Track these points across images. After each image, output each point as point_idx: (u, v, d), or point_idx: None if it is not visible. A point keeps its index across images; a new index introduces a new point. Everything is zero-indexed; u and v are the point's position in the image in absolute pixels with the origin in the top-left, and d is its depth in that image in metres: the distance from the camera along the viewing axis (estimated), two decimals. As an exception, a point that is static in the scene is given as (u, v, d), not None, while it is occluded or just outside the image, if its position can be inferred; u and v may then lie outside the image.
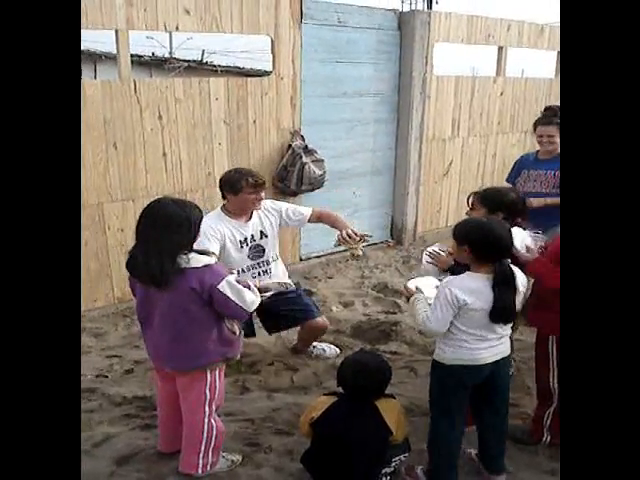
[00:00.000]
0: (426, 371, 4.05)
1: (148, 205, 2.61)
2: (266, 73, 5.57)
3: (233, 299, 2.58)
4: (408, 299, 2.88)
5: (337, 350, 4.38)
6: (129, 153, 4.77)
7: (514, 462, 3.07)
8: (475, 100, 7.28)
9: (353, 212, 6.62)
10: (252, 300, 2.67)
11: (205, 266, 2.56)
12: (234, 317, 2.70)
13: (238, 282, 2.65)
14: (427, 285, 2.91)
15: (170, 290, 2.53)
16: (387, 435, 2.69)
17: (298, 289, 4.15)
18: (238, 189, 3.69)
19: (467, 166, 7.54)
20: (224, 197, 3.83)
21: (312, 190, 5.78)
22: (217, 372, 2.77)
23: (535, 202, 4.11)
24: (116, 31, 4.44)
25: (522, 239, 2.99)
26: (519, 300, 2.65)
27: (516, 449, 3.17)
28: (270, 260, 3.95)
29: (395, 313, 5.14)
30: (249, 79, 5.47)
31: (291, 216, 4.03)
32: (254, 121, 5.43)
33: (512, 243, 2.61)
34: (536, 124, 4.44)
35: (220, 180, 3.83)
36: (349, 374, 2.75)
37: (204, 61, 8.50)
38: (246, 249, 3.82)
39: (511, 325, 2.74)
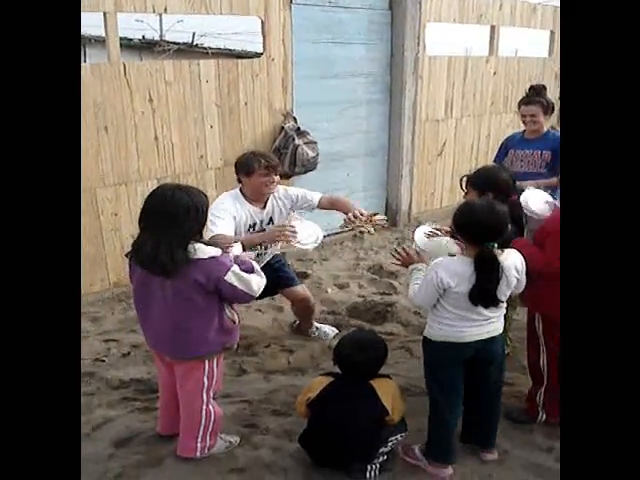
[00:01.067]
0: (421, 351, 4.10)
1: (152, 193, 2.58)
2: (257, 55, 5.52)
3: (241, 288, 2.59)
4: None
5: (335, 330, 4.39)
6: (120, 137, 4.73)
7: (510, 440, 3.09)
8: (468, 80, 7.26)
9: (348, 194, 6.57)
10: (258, 284, 2.67)
11: (211, 258, 2.53)
12: (241, 302, 2.74)
13: (241, 265, 2.64)
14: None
15: (175, 280, 2.51)
16: (383, 415, 2.69)
17: (281, 259, 4.18)
18: (251, 171, 3.67)
19: (461, 147, 7.52)
20: (239, 180, 3.82)
21: (305, 172, 5.76)
22: (215, 360, 2.77)
23: (528, 185, 4.12)
24: (104, 14, 4.39)
25: (541, 199, 3.06)
26: (510, 284, 2.64)
27: (512, 427, 3.19)
28: (269, 245, 3.93)
29: (390, 294, 5.14)
30: (240, 61, 5.43)
31: (300, 202, 3.98)
32: (245, 103, 5.40)
33: (502, 225, 2.57)
34: (519, 104, 4.44)
35: (235, 163, 3.82)
36: (346, 351, 2.75)
37: (195, 44, 8.42)
38: (252, 233, 3.80)
39: (505, 306, 2.74)
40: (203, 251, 2.52)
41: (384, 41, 6.35)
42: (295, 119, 5.69)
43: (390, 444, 2.81)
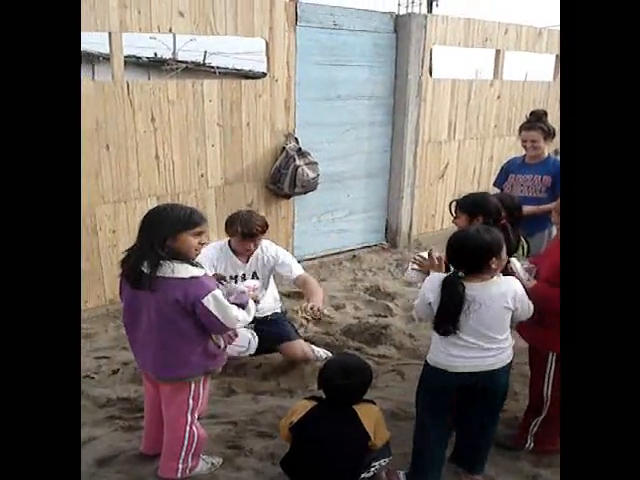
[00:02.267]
0: (414, 374, 4.08)
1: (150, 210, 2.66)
2: (264, 75, 5.57)
3: (215, 314, 2.56)
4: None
5: (329, 354, 4.37)
6: (121, 155, 4.79)
7: (495, 466, 3.09)
8: (472, 103, 7.29)
9: (347, 214, 6.64)
10: (237, 318, 2.64)
11: (192, 277, 2.54)
12: (212, 330, 2.69)
13: (233, 297, 2.66)
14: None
15: (156, 296, 2.53)
16: (366, 440, 2.69)
17: (280, 315, 4.22)
18: (231, 234, 3.79)
19: (463, 169, 7.54)
20: (227, 234, 3.89)
21: (305, 193, 5.80)
22: (201, 382, 2.79)
23: (526, 210, 4.13)
24: (109, 33, 4.46)
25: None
26: (493, 315, 2.64)
27: (498, 453, 3.18)
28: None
29: (386, 316, 5.15)
30: (243, 81, 5.48)
31: (282, 269, 4.02)
32: (247, 123, 5.45)
33: (480, 250, 2.59)
34: (520, 129, 4.46)
35: (226, 220, 3.88)
36: (332, 375, 2.76)
37: (203, 62, 8.49)
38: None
39: (504, 337, 2.72)
40: (186, 270, 2.53)
41: (388, 64, 6.39)
42: (297, 140, 5.74)
43: (373, 469, 2.80)
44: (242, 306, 2.71)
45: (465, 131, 7.38)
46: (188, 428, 2.80)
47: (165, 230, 2.52)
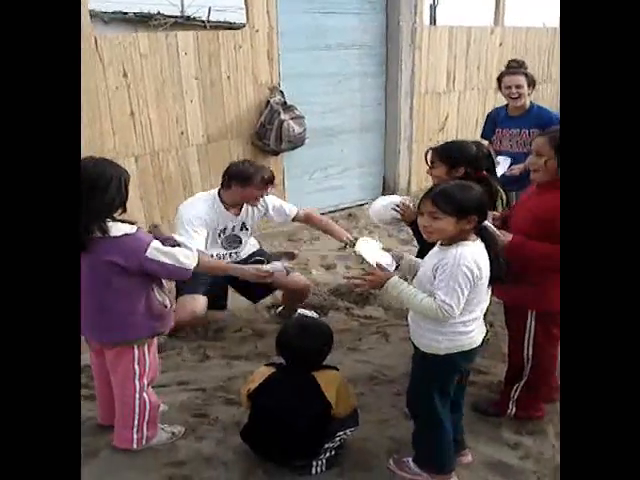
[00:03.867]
0: (398, 337, 3.91)
1: None
2: (244, 26, 5.30)
3: (169, 262, 2.42)
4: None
5: (314, 314, 4.20)
6: (94, 113, 4.56)
7: (475, 436, 2.89)
8: (471, 51, 6.97)
9: (342, 170, 6.40)
10: (187, 255, 2.50)
11: (125, 235, 2.36)
12: (178, 279, 2.55)
13: (163, 242, 2.47)
14: (372, 250, 2.65)
15: (89, 259, 2.34)
16: (325, 408, 2.51)
17: (262, 253, 4.10)
18: (248, 183, 3.58)
19: (464, 121, 7.25)
20: (227, 186, 3.67)
21: (293, 148, 5.56)
22: (145, 346, 2.60)
23: (517, 170, 3.91)
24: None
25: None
26: None
27: (478, 421, 3.00)
28: (241, 251, 3.92)
29: (377, 276, 4.94)
30: (220, 32, 5.20)
31: (275, 214, 3.94)
32: (228, 77, 5.19)
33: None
34: (501, 76, 4.21)
35: (229, 169, 3.69)
36: (287, 336, 2.58)
37: (191, 16, 8.19)
38: (222, 238, 3.77)
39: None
40: (117, 228, 2.35)
41: (378, 11, 6.07)
42: (282, 93, 5.47)
43: (338, 439, 2.63)
44: (174, 244, 2.55)
45: (465, 81, 7.07)
46: (138, 395, 2.63)
47: (115, 197, 2.40)
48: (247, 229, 3.86)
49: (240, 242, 3.86)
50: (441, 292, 2.20)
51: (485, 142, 4.35)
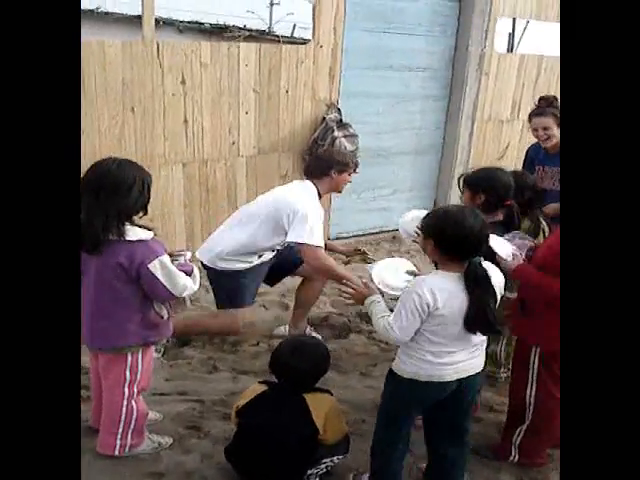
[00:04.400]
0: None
1: (95, 163, 2.39)
2: (308, 41, 5.25)
3: (162, 281, 2.38)
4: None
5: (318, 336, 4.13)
6: (147, 118, 4.57)
7: (473, 476, 2.79)
8: (541, 80, 6.73)
9: (392, 192, 6.30)
10: (185, 286, 2.47)
11: (139, 241, 2.35)
12: (158, 298, 2.50)
13: (180, 264, 2.47)
14: (394, 272, 2.62)
15: (98, 261, 2.35)
16: (312, 433, 2.44)
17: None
18: (345, 168, 3.61)
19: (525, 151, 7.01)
20: (325, 174, 3.62)
21: (343, 167, 5.48)
22: (139, 354, 2.59)
23: (551, 210, 3.75)
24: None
25: (505, 249, 2.63)
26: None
27: (478, 462, 2.88)
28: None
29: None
30: (284, 46, 5.15)
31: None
32: (287, 91, 5.14)
33: (486, 236, 2.23)
34: (530, 116, 4.03)
35: (326, 155, 3.72)
36: (281, 353, 2.54)
37: (268, 31, 8.19)
38: None
39: (495, 334, 2.39)
40: (134, 233, 2.33)
41: (448, 34, 5.92)
42: (339, 110, 5.40)
43: (324, 465, 2.56)
44: (188, 274, 2.51)
45: (531, 110, 6.83)
46: (125, 402, 2.62)
47: (137, 201, 2.38)
48: None
49: None
50: (392, 314, 2.25)
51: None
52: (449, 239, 2.19)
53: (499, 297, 2.27)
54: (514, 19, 6.70)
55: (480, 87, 6.19)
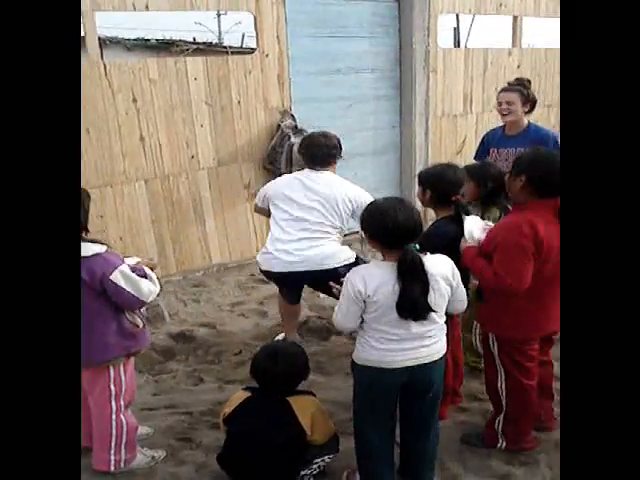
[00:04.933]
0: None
1: None
2: (253, 50, 5.37)
3: (127, 289, 2.43)
4: None
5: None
6: (103, 138, 4.65)
7: (462, 464, 2.82)
8: (489, 73, 6.92)
9: (356, 194, 6.37)
10: (149, 289, 2.51)
11: (95, 255, 2.39)
12: (128, 307, 2.53)
13: (134, 270, 2.49)
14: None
15: None
16: (300, 435, 2.47)
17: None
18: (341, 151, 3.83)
19: (483, 143, 7.16)
20: (333, 163, 3.81)
21: (303, 171, 5.56)
22: (121, 366, 2.61)
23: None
24: (82, 13, 4.31)
25: (472, 232, 2.70)
26: (443, 293, 2.32)
27: (468, 450, 2.91)
28: None
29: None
30: (230, 57, 5.29)
31: None
32: (238, 101, 5.25)
33: (420, 224, 2.27)
34: (499, 92, 4.14)
35: (333, 142, 3.80)
36: (260, 360, 2.56)
37: (215, 43, 8.35)
38: None
39: (444, 321, 2.40)
40: (86, 249, 2.37)
41: (391, 35, 6.09)
42: (293, 117, 5.50)
43: (316, 465, 2.59)
44: (143, 277, 2.54)
45: (483, 103, 7.01)
46: (114, 417, 2.64)
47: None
48: None
49: None
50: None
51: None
52: (375, 230, 2.29)
53: (441, 284, 2.30)
54: (457, 15, 6.83)
55: (429, 84, 6.34)
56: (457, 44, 9.57)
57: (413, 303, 2.22)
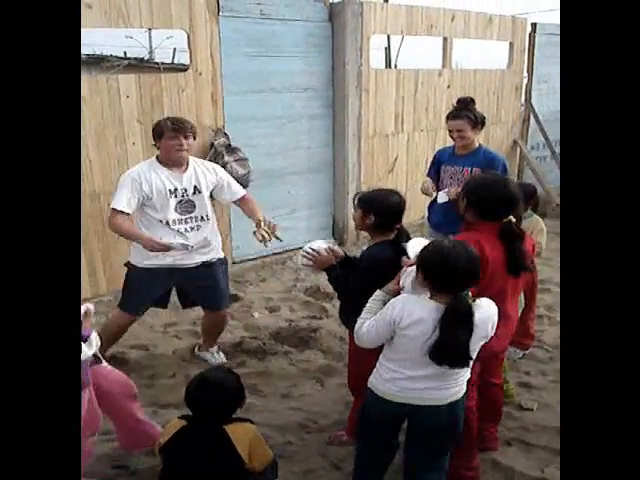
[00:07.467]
0: (335, 382, 3.87)
1: None
2: (186, 69, 5.32)
3: None
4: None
5: (223, 358, 4.23)
6: (30, 156, 4.51)
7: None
8: (419, 94, 7.07)
9: (291, 212, 6.39)
10: (85, 353, 2.43)
11: None
12: None
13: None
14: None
15: None
16: (239, 464, 2.44)
17: (223, 264, 4.03)
18: (161, 134, 3.63)
19: (414, 162, 7.31)
20: (157, 147, 3.76)
21: (237, 190, 5.54)
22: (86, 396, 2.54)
23: (453, 191, 3.90)
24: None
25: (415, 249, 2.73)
26: (481, 339, 2.32)
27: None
28: (200, 217, 3.78)
29: (321, 318, 4.94)
30: (163, 75, 5.23)
31: (226, 188, 3.93)
32: (171, 119, 5.18)
33: (477, 275, 2.29)
34: (447, 118, 4.20)
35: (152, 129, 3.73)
36: (190, 387, 2.51)
37: (147, 59, 8.24)
38: (174, 201, 3.66)
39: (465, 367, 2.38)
40: None
41: (324, 54, 6.14)
42: (226, 135, 5.49)
43: None
44: (84, 339, 2.47)
45: (414, 123, 7.16)
46: None
47: None
48: (200, 192, 3.74)
49: (194, 207, 3.72)
50: (373, 317, 2.41)
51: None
52: (432, 271, 2.26)
53: (482, 333, 2.30)
54: (388, 35, 6.96)
55: (362, 103, 6.42)
56: (388, 63, 9.74)
57: (452, 350, 2.23)
